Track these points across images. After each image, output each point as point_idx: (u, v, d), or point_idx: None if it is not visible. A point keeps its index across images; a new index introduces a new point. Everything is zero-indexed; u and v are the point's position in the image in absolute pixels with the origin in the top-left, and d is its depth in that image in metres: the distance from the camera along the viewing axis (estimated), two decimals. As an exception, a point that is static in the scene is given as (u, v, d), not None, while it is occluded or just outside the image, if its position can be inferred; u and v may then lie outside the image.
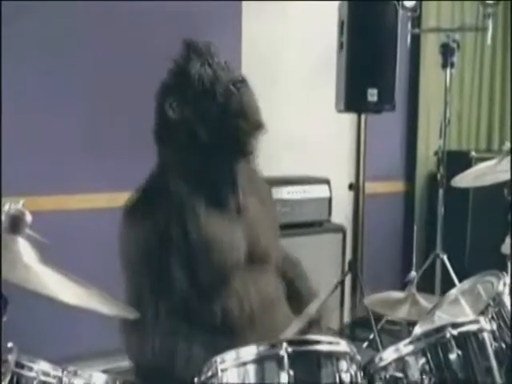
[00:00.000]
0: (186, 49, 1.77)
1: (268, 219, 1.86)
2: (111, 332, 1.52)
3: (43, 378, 1.46)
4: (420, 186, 4.66)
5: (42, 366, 1.45)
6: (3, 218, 1.01)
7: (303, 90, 4.23)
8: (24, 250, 1.03)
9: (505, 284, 1.68)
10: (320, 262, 3.90)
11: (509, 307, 1.65)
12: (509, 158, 2.14)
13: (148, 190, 1.75)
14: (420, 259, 4.31)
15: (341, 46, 3.66)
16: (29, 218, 1.03)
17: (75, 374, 1.31)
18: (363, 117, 4.00)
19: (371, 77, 3.63)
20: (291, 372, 1.15)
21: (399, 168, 4.72)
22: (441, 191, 4.01)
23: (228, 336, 1.52)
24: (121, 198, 1.83)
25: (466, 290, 1.79)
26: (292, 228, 3.89)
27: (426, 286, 3.50)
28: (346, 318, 3.99)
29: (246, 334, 1.55)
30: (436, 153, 4.12)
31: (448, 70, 4.02)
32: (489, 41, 4.09)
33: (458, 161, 4.16)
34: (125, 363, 1.62)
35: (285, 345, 1.17)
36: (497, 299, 1.63)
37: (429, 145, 4.57)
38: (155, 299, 1.58)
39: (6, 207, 1.02)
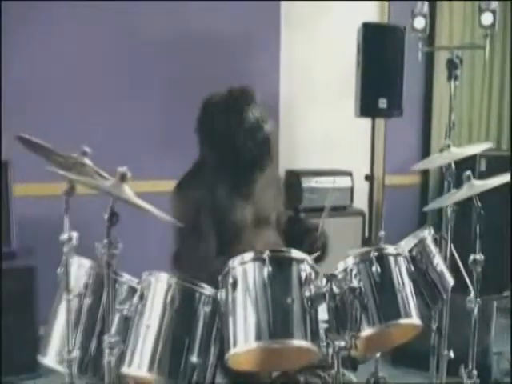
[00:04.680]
0: (238, 96, 2.64)
1: (272, 198, 2.75)
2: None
3: (129, 282, 2.37)
4: (433, 179, 5.45)
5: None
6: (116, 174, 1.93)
7: (331, 99, 5.09)
8: (126, 189, 1.94)
9: (429, 233, 2.52)
10: (343, 240, 4.68)
11: (431, 247, 2.50)
12: (449, 150, 2.93)
13: (191, 173, 2.68)
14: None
15: (358, 63, 4.49)
16: (129, 173, 1.92)
17: (150, 274, 2.20)
18: (382, 121, 4.85)
19: (382, 88, 4.45)
20: (270, 268, 2.02)
21: (416, 163, 5.50)
22: (446, 183, 4.77)
23: None
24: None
25: (409, 240, 2.62)
26: (319, 212, 4.73)
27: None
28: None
29: None
30: (441, 150, 4.88)
31: (452, 82, 4.77)
32: (486, 56, 4.83)
33: (464, 158, 4.91)
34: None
35: (267, 252, 2.05)
36: (421, 242, 2.48)
37: (440, 144, 5.31)
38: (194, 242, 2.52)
39: (119, 168, 1.93)
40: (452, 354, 2.80)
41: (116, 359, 2.02)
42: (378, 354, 2.67)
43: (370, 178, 4.68)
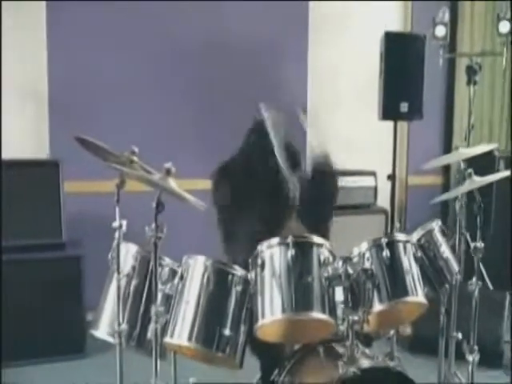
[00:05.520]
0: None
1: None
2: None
3: (171, 265, 2.70)
4: (454, 180, 5.70)
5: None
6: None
7: (357, 103, 5.40)
8: (171, 181, 2.28)
9: (436, 224, 2.82)
10: (367, 236, 5.02)
11: (438, 236, 2.79)
12: (460, 149, 3.20)
13: (233, 160, 3.01)
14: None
15: (381, 70, 4.77)
16: (173, 168, 2.25)
17: (189, 257, 2.52)
18: (406, 124, 5.15)
19: (403, 93, 4.72)
20: (293, 251, 2.34)
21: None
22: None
23: None
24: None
25: (420, 231, 2.89)
26: (345, 209, 5.04)
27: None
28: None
29: None
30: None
31: (471, 87, 5.02)
32: (504, 63, 5.10)
33: (483, 159, 5.10)
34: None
35: (291, 237, 2.37)
36: (429, 232, 2.77)
37: (465, 145, 5.58)
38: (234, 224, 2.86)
39: (166, 165, 2.26)
40: (460, 336, 3.07)
41: (160, 329, 2.35)
42: (392, 333, 2.95)
43: (392, 177, 4.95)
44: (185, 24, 4.91)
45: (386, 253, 2.47)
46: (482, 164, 3.78)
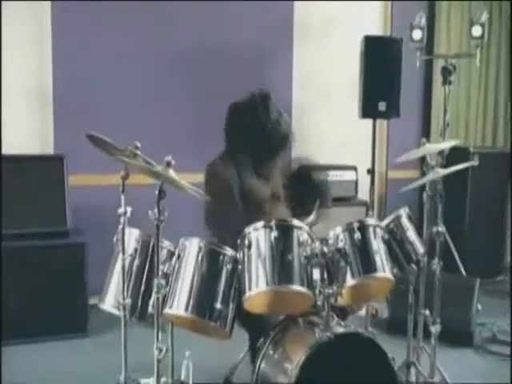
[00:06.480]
0: (262, 97, 3.31)
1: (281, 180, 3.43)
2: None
3: (169, 247, 3.03)
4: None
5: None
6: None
7: (340, 102, 5.74)
8: (171, 172, 2.60)
9: (404, 211, 3.17)
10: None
11: (405, 222, 3.14)
12: (427, 144, 3.54)
13: (222, 157, 3.35)
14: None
15: (361, 71, 5.11)
16: (173, 161, 2.58)
17: (186, 238, 2.86)
18: (385, 122, 5.50)
19: (381, 93, 5.05)
20: (276, 233, 2.68)
21: (416, 159, 6.10)
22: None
23: None
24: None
25: (390, 218, 3.23)
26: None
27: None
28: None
29: None
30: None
31: (446, 87, 5.37)
32: (477, 64, 5.45)
33: (459, 154, 5.25)
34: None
35: (274, 221, 2.71)
36: (397, 218, 3.12)
37: (439, 142, 5.94)
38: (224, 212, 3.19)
39: (166, 158, 2.59)
40: (428, 313, 3.39)
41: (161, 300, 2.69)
42: (365, 310, 3.30)
43: (371, 172, 5.28)
44: (184, 25, 5.25)
45: (357, 235, 2.83)
46: (457, 159, 4.01)
